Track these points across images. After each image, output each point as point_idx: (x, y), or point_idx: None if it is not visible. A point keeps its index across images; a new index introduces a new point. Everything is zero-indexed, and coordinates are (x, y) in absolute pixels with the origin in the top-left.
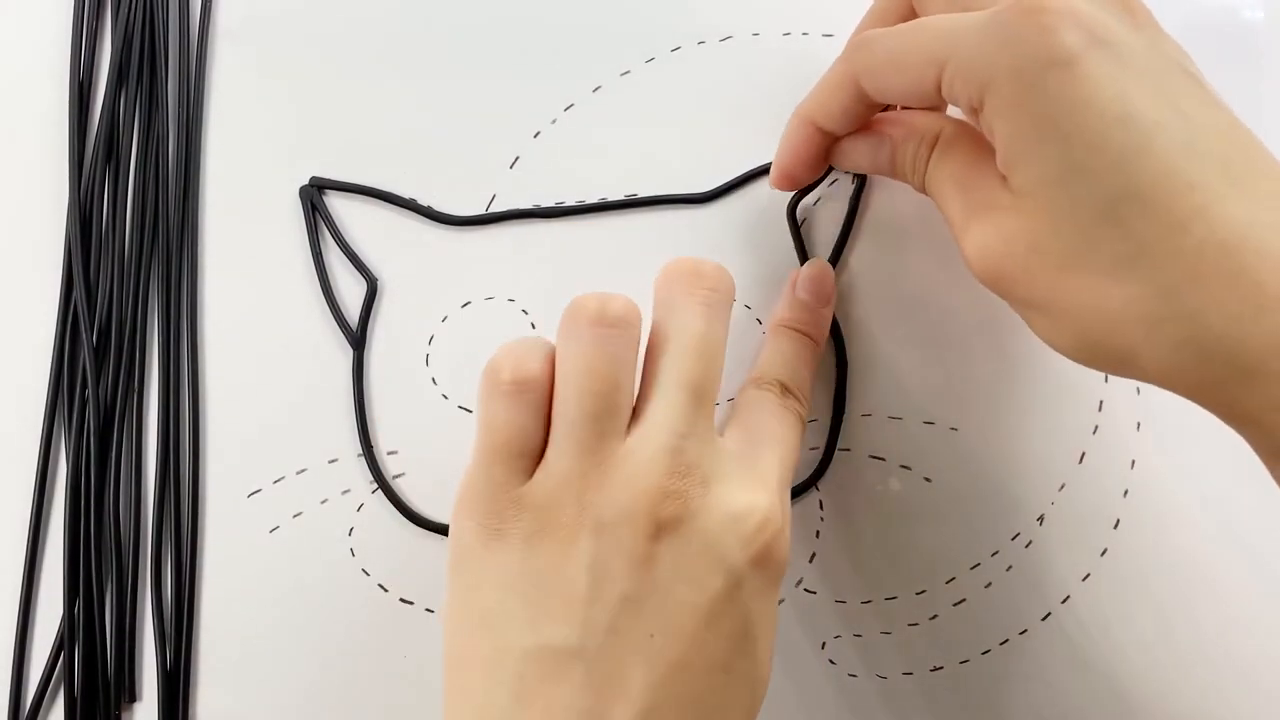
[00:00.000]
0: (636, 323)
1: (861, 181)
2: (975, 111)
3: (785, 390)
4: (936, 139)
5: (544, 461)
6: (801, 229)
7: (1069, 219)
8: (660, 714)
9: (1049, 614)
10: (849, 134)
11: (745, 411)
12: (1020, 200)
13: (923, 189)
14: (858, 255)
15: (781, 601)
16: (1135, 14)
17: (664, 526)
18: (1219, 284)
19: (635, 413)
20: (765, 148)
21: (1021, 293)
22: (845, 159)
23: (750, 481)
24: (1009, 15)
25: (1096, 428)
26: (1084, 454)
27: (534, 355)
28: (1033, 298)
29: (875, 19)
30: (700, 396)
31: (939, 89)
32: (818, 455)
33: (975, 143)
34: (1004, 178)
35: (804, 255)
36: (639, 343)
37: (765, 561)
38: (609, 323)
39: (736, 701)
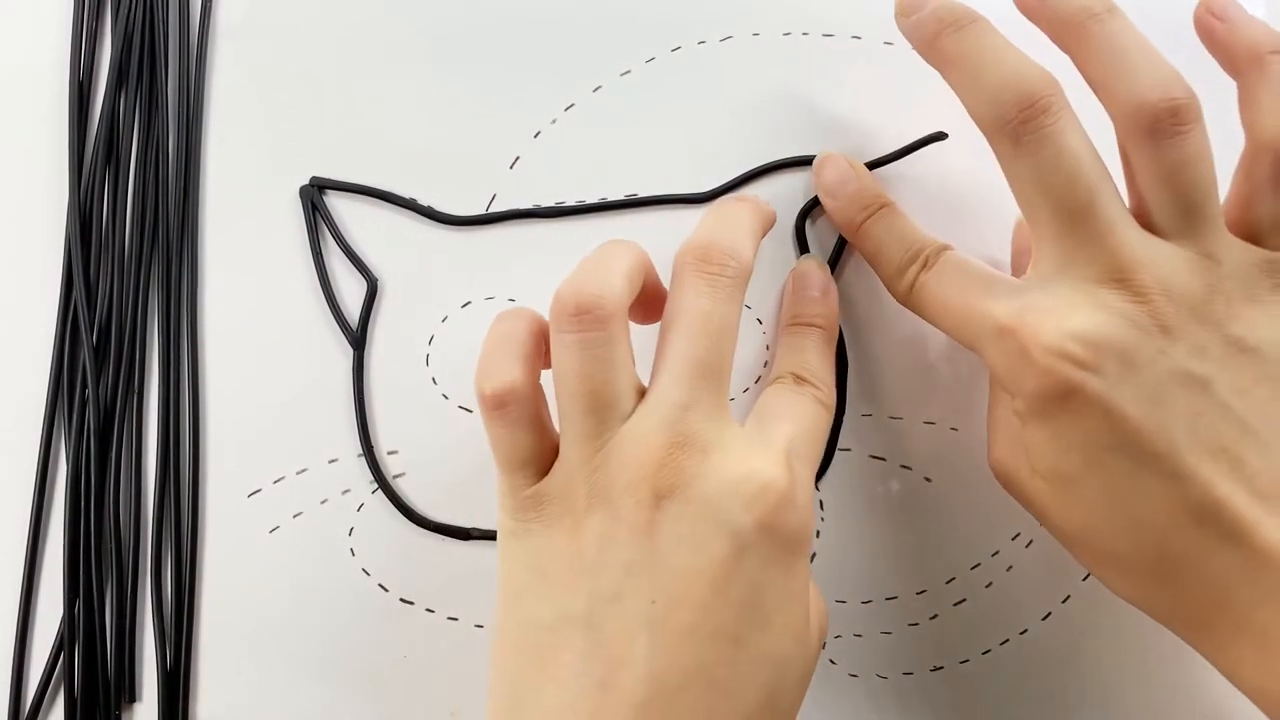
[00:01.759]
0: (615, 312)
1: None
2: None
3: (798, 379)
4: None
5: (559, 455)
6: (804, 230)
7: (1071, 504)
8: (665, 680)
9: (1049, 614)
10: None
11: (759, 405)
12: (1032, 449)
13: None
14: (858, 256)
15: None
16: (1161, 320)
17: (663, 495)
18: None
19: (648, 388)
20: (765, 148)
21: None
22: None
23: (753, 450)
24: (1008, 348)
25: None
26: None
27: (506, 364)
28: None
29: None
30: (703, 371)
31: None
32: None
33: None
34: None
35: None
36: (626, 325)
37: (772, 528)
38: (585, 324)
39: (751, 678)
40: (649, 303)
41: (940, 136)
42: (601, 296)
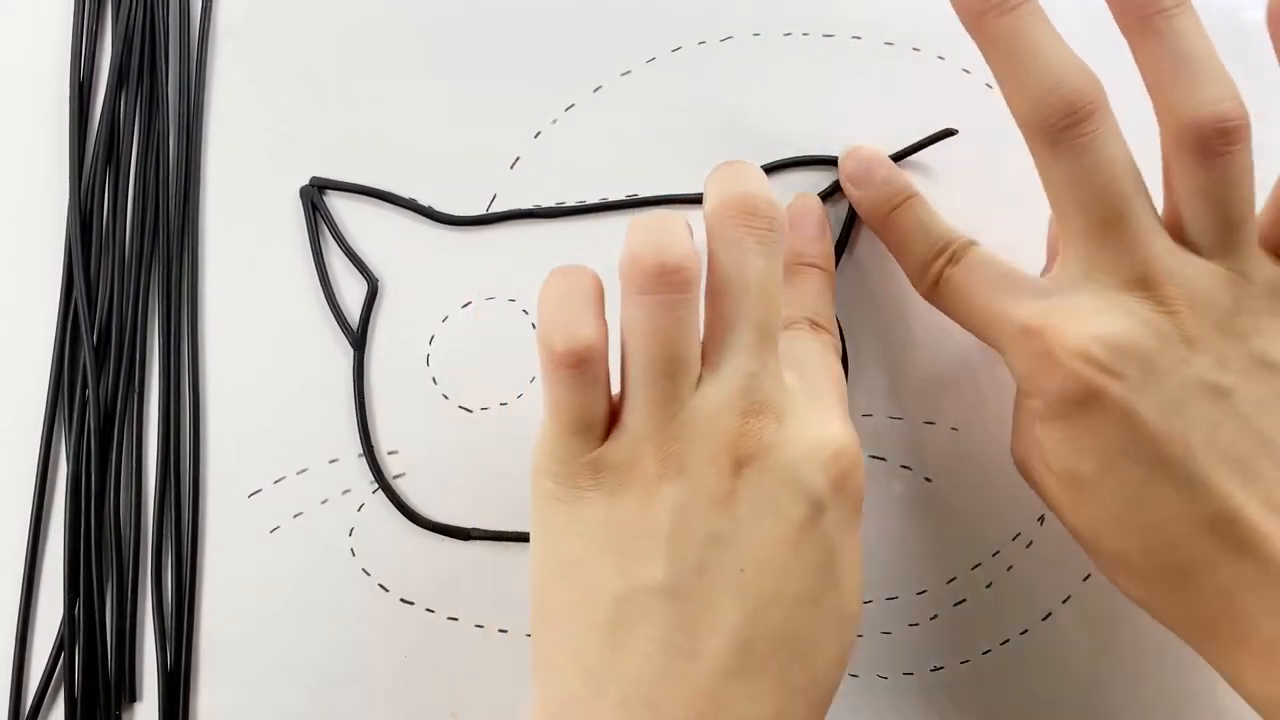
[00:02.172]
0: (698, 275)
1: None
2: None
3: (814, 325)
4: None
5: (620, 422)
6: None
7: (1083, 505)
8: (753, 647)
9: (1049, 614)
10: None
11: (788, 353)
12: (1047, 449)
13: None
14: (858, 255)
15: None
16: (1184, 330)
17: (743, 463)
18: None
19: (705, 355)
20: (765, 148)
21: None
22: None
23: (821, 413)
24: (1031, 349)
25: None
26: None
27: (583, 317)
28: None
29: None
30: (766, 334)
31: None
32: None
33: None
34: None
35: None
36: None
37: (845, 488)
38: (671, 286)
39: (826, 636)
40: None
41: (950, 133)
42: (688, 257)
